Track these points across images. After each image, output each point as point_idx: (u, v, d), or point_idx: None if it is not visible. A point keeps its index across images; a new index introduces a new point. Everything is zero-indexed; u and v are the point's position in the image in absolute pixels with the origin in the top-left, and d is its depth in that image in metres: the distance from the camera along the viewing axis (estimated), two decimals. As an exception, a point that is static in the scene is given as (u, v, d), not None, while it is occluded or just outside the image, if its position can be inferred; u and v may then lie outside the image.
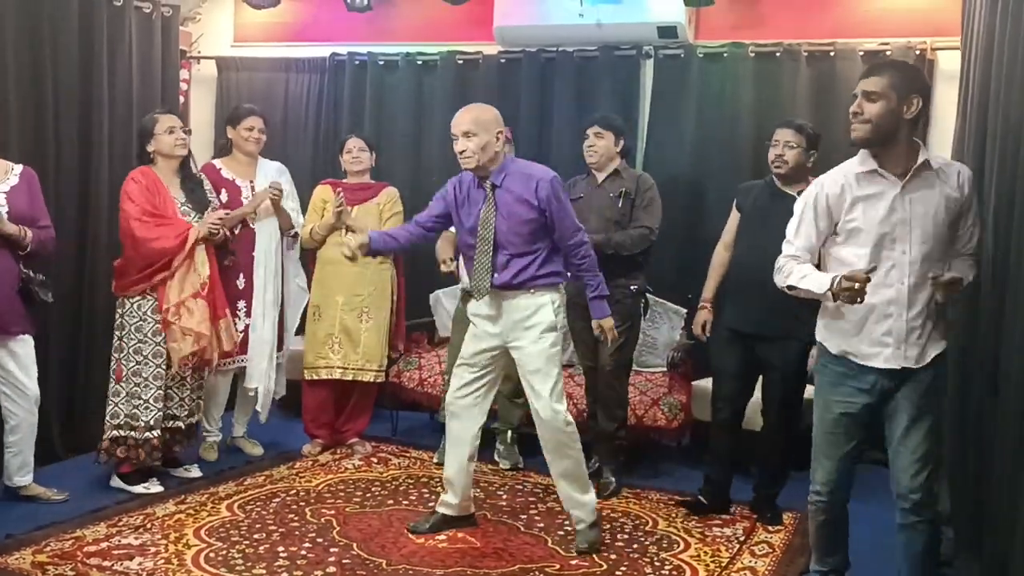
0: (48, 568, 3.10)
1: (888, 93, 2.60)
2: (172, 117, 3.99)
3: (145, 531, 3.47)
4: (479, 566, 3.29)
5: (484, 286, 3.45)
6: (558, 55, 5.23)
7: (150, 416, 3.86)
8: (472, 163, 3.41)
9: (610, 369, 4.11)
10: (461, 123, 3.40)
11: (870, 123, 2.63)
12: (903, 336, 2.68)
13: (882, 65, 2.71)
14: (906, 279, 2.66)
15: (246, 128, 4.43)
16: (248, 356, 4.42)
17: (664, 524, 3.79)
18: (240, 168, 4.45)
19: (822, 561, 3.01)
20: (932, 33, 4.62)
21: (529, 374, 3.43)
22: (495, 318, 3.49)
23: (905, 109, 2.61)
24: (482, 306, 3.52)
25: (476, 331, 3.56)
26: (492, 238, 3.42)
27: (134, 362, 3.86)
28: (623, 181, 4.16)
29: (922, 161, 2.64)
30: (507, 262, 3.42)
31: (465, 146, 3.39)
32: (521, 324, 3.44)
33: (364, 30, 5.60)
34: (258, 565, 3.20)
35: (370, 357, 4.53)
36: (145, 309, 3.86)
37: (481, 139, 3.38)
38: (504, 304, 3.47)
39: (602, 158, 4.14)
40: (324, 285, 4.52)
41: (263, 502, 3.84)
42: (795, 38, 4.84)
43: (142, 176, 3.90)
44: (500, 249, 3.42)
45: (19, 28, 4.10)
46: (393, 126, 5.57)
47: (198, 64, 5.87)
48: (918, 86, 2.65)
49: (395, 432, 5.00)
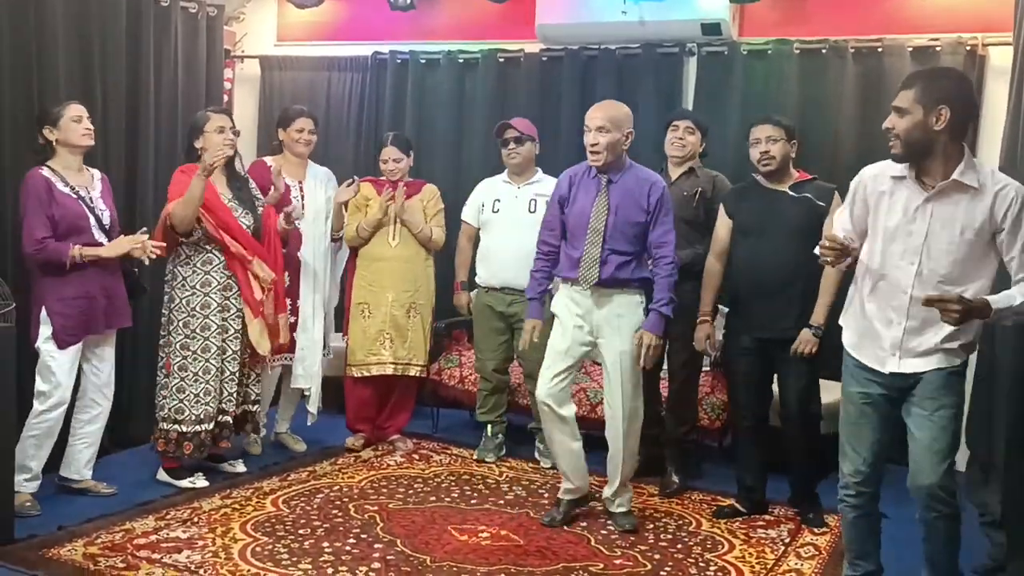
0: (99, 560, 3.15)
1: (914, 107, 2.58)
2: (224, 117, 4.04)
3: (192, 525, 3.51)
4: (522, 564, 3.29)
5: (592, 276, 3.53)
6: (600, 53, 5.21)
7: (199, 410, 3.90)
8: (600, 160, 3.51)
9: (682, 376, 4.15)
10: (596, 117, 3.51)
11: (900, 138, 2.61)
12: (898, 344, 2.67)
13: (912, 77, 2.67)
14: (910, 290, 2.63)
15: (296, 130, 4.48)
16: (298, 356, 4.47)
17: (708, 525, 3.76)
18: (290, 168, 4.50)
19: (853, 565, 2.97)
20: (983, 28, 4.53)
21: (617, 371, 3.53)
22: (586, 314, 3.57)
23: (934, 121, 2.56)
24: (569, 301, 3.60)
25: (563, 326, 3.62)
26: (603, 230, 3.50)
27: (180, 357, 3.90)
28: (698, 180, 4.12)
29: (952, 179, 2.58)
30: (608, 257, 3.51)
31: (597, 140, 3.49)
32: (613, 321, 3.52)
33: (406, 28, 5.62)
34: (303, 560, 3.23)
35: (416, 352, 4.56)
36: (194, 305, 3.90)
37: (613, 136, 3.48)
38: (598, 300, 3.55)
39: (688, 154, 4.13)
40: (372, 282, 4.53)
41: (307, 498, 3.87)
42: (842, 34, 4.78)
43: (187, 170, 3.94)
44: (605, 244, 3.51)
45: (68, 28, 4.16)
46: (434, 124, 5.59)
47: (242, 63, 5.93)
48: (947, 95, 2.57)
49: (436, 429, 5.02)
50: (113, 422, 4.40)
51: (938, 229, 2.61)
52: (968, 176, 2.59)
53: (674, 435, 4.20)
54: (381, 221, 4.48)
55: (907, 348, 2.67)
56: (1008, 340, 3.53)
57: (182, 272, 3.92)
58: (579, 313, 3.59)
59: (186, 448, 3.89)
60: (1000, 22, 4.38)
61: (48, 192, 3.53)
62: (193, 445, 3.90)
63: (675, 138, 4.13)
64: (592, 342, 3.61)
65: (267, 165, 4.47)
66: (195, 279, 3.91)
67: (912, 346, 2.67)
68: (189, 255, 3.92)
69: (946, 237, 2.60)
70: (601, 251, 3.51)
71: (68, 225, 3.56)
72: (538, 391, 3.65)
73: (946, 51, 4.56)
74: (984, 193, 2.58)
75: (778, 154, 3.68)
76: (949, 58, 4.55)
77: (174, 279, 3.94)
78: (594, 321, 3.58)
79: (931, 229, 2.61)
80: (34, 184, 3.54)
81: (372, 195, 4.55)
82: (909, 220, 2.63)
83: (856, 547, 2.94)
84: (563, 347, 3.60)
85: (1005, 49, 4.35)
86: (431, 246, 4.58)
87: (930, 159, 2.61)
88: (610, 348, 3.57)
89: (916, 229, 2.62)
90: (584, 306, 3.58)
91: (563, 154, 4.90)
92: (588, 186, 3.59)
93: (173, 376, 3.91)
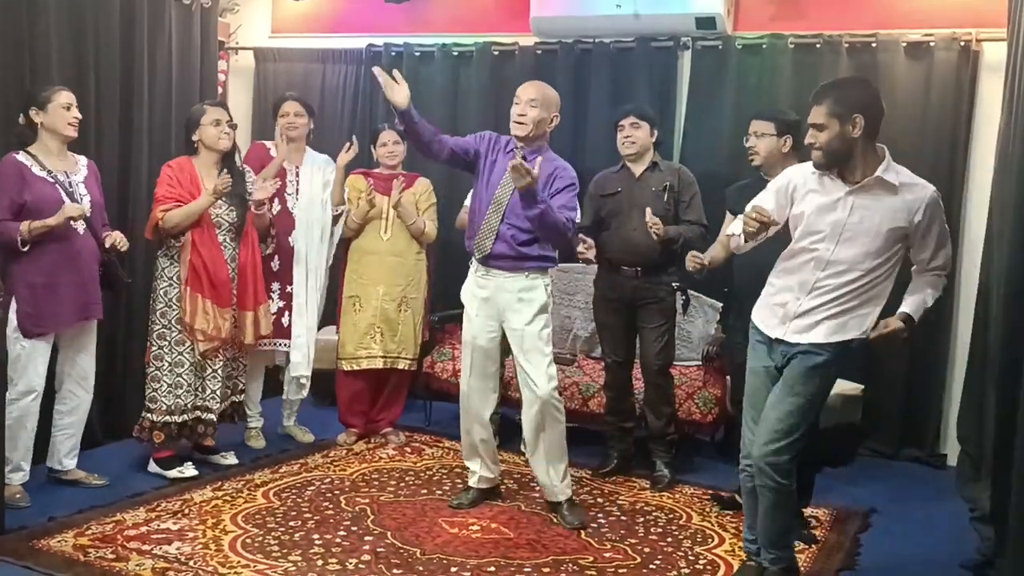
0: (89, 551, 3.16)
1: (829, 120, 2.75)
2: (220, 110, 4.03)
3: (183, 516, 3.51)
4: (512, 556, 3.29)
5: (486, 245, 3.58)
6: (594, 47, 5.19)
7: (171, 401, 3.90)
8: (523, 131, 3.56)
9: (656, 368, 4.13)
10: (529, 91, 3.59)
11: (822, 151, 2.80)
12: (791, 315, 2.87)
13: (820, 93, 2.83)
14: (819, 272, 2.82)
15: (280, 115, 4.50)
16: (294, 344, 4.48)
17: (698, 518, 3.77)
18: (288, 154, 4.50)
19: (750, 529, 3.10)
20: (977, 24, 4.52)
21: (525, 352, 3.59)
22: (488, 299, 3.63)
23: (851, 129, 2.73)
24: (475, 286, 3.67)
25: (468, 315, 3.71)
26: (506, 204, 3.55)
27: (157, 346, 3.93)
28: (663, 175, 4.13)
29: (876, 175, 2.76)
30: (505, 231, 3.56)
31: (525, 111, 3.55)
32: (515, 304, 3.59)
33: (400, 21, 5.61)
34: (294, 552, 3.23)
35: (406, 345, 4.56)
36: (171, 296, 3.91)
37: (540, 113, 3.55)
38: (498, 284, 3.61)
39: (640, 149, 4.11)
40: (363, 275, 4.54)
41: (298, 490, 3.87)
42: (836, 29, 4.77)
43: (175, 166, 3.95)
44: (506, 218, 3.55)
45: (61, 18, 4.15)
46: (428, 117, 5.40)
47: (236, 55, 5.91)
48: (859, 103, 2.76)
49: (428, 422, 5.03)
50: (105, 414, 4.43)
51: (855, 221, 2.79)
52: (890, 175, 2.78)
53: (656, 429, 4.19)
54: (371, 214, 4.48)
55: (796, 319, 2.87)
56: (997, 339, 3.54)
57: (162, 263, 3.95)
58: (484, 297, 3.65)
59: (156, 437, 3.90)
60: (994, 17, 4.37)
61: (19, 176, 3.49)
62: (164, 435, 3.90)
63: (623, 137, 4.14)
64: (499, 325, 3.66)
65: (266, 147, 4.51)
66: (172, 271, 3.92)
67: (802, 319, 2.86)
68: (169, 246, 3.94)
69: (863, 228, 2.78)
70: (500, 223, 3.56)
71: (41, 209, 3.50)
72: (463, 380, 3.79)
73: (940, 46, 4.56)
74: (903, 192, 2.78)
75: (763, 149, 3.68)
76: (943, 53, 4.55)
77: (156, 270, 3.98)
78: (499, 304, 3.63)
79: (850, 220, 2.80)
80: (3, 169, 3.51)
81: (364, 188, 4.54)
82: (829, 209, 2.81)
83: (749, 518, 3.09)
84: (468, 337, 3.70)
85: (999, 45, 4.34)
86: (423, 240, 4.58)
87: (851, 162, 2.80)
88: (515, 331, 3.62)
89: (837, 219, 2.80)
90: (488, 289, 3.65)
91: (556, 147, 4.83)
92: (502, 161, 3.61)
93: (151, 366, 3.93)
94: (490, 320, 3.67)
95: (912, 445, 4.73)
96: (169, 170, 3.93)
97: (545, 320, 3.64)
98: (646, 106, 4.32)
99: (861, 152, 2.77)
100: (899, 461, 4.68)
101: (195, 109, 4.07)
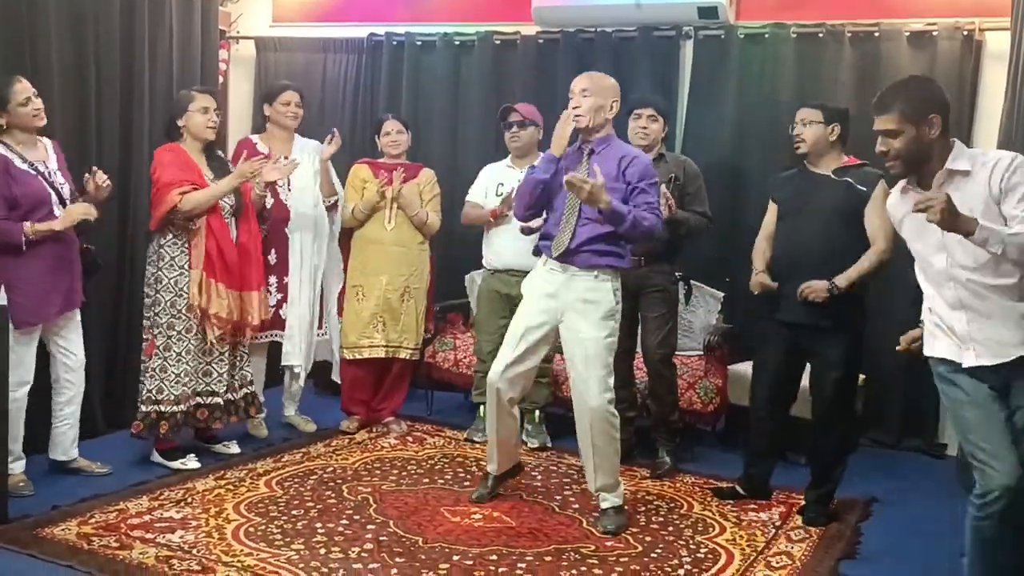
0: (93, 539, 3.17)
1: (904, 126, 2.59)
2: (209, 98, 4.00)
3: (186, 505, 3.53)
4: (514, 545, 3.30)
5: (564, 240, 3.44)
6: (596, 36, 5.18)
7: (178, 391, 3.90)
8: (582, 123, 3.47)
9: (658, 358, 4.13)
10: (580, 82, 3.50)
11: (900, 159, 2.63)
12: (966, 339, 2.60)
13: (887, 98, 2.65)
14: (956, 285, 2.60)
15: (283, 103, 4.47)
16: (287, 333, 4.48)
17: (699, 508, 3.78)
18: (276, 143, 4.50)
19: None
20: (980, 13, 4.51)
21: (586, 360, 3.42)
22: (553, 295, 3.49)
23: (927, 131, 2.59)
24: (541, 280, 3.53)
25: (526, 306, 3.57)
26: (580, 203, 3.40)
27: (165, 337, 3.90)
28: (669, 166, 4.13)
29: (945, 168, 2.60)
30: (582, 228, 3.43)
31: (579, 103, 3.46)
32: (579, 306, 3.44)
33: (402, 10, 5.60)
34: (296, 540, 3.24)
35: (408, 335, 4.57)
36: (182, 285, 3.90)
37: (596, 101, 3.45)
38: (565, 281, 3.46)
39: (652, 143, 4.12)
40: (366, 265, 4.54)
41: (301, 479, 3.88)
42: (839, 18, 4.75)
43: (175, 150, 3.92)
44: (582, 213, 3.44)
45: (62, 8, 4.14)
46: (430, 107, 5.57)
47: (237, 44, 5.90)
48: (933, 103, 2.61)
49: (430, 411, 5.04)
50: (106, 404, 4.44)
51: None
52: (959, 162, 2.60)
53: (659, 417, 4.20)
54: (377, 205, 4.48)
55: (974, 344, 2.59)
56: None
57: (169, 252, 3.90)
58: (548, 292, 3.50)
59: (161, 428, 3.88)
60: (997, 7, 4.36)
61: (5, 171, 3.44)
62: (169, 425, 3.89)
63: (638, 127, 4.12)
64: (555, 324, 3.51)
65: (253, 143, 4.48)
66: (183, 259, 3.91)
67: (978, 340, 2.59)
68: (176, 234, 3.91)
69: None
70: (578, 219, 3.44)
71: (31, 203, 3.47)
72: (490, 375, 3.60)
73: (943, 36, 4.54)
74: (978, 172, 2.58)
75: (809, 137, 3.63)
76: (946, 43, 4.53)
77: (160, 259, 3.91)
78: (561, 302, 3.48)
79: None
80: None
81: (369, 177, 4.54)
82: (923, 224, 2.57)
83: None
84: (519, 330, 3.54)
85: (1002, 34, 4.34)
86: (427, 231, 4.59)
87: (928, 165, 2.64)
88: (572, 334, 3.46)
89: (931, 229, 2.57)
90: (554, 285, 3.50)
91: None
92: (571, 158, 3.54)
93: (156, 357, 3.91)
94: (544, 315, 3.52)
95: (913, 435, 4.74)
96: (171, 154, 3.90)
97: (611, 328, 3.44)
98: (663, 101, 4.33)
99: (939, 153, 2.62)
100: (900, 451, 4.70)
101: (183, 94, 4.04)
